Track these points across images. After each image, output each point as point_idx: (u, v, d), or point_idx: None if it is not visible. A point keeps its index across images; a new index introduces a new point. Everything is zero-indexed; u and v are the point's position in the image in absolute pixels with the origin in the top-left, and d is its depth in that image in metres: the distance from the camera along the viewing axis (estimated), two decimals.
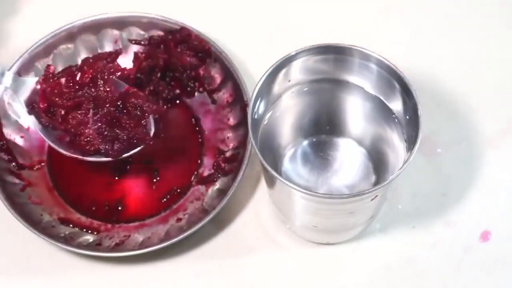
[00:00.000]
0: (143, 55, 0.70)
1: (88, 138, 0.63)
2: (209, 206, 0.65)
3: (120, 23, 0.70)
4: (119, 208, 0.67)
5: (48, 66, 0.64)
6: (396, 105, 0.59)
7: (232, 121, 0.69)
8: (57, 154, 0.68)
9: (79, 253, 0.64)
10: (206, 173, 0.68)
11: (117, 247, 0.64)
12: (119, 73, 0.64)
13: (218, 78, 0.69)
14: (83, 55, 0.70)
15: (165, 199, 0.67)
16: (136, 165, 0.68)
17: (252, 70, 0.70)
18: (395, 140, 0.60)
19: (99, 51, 0.70)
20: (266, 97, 0.59)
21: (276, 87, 0.60)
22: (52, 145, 0.64)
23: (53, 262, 0.65)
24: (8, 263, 0.65)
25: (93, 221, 0.66)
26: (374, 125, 0.62)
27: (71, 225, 0.66)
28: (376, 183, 0.62)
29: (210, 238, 0.66)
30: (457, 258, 0.65)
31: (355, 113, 0.63)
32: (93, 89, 0.63)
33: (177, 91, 0.70)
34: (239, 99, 0.68)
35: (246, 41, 0.73)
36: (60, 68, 0.69)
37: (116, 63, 0.65)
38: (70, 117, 0.63)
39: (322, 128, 0.64)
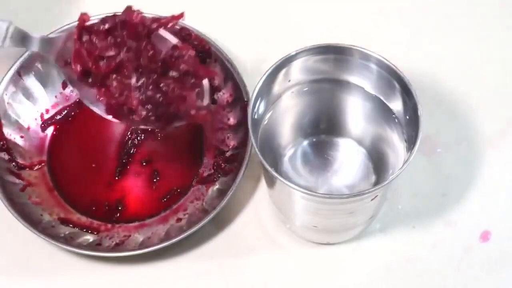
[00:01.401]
0: None
1: (132, 107, 0.54)
2: (209, 206, 0.65)
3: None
4: (119, 208, 0.67)
5: (82, 15, 0.55)
6: (396, 105, 0.59)
7: (232, 121, 0.69)
8: (57, 154, 0.69)
9: (79, 253, 0.64)
10: (206, 173, 0.68)
11: (117, 247, 0.64)
12: (165, 25, 0.55)
13: (218, 78, 0.69)
14: None
15: (165, 199, 0.67)
16: (136, 165, 0.68)
17: (252, 70, 0.70)
18: (395, 140, 0.60)
19: None
20: (266, 97, 0.59)
21: (276, 87, 0.60)
22: (92, 107, 0.56)
23: (53, 262, 0.65)
24: (8, 263, 0.65)
25: (93, 221, 0.66)
26: (374, 125, 0.62)
27: (71, 225, 0.66)
28: (376, 183, 0.62)
29: (210, 238, 0.66)
30: (457, 258, 0.65)
31: (355, 113, 0.63)
32: (135, 46, 0.53)
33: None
34: (239, 99, 0.68)
35: (246, 41, 0.73)
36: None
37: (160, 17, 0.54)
38: (109, 81, 0.54)
39: (322, 128, 0.64)
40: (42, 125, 0.69)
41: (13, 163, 0.67)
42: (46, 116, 0.69)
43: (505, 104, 0.71)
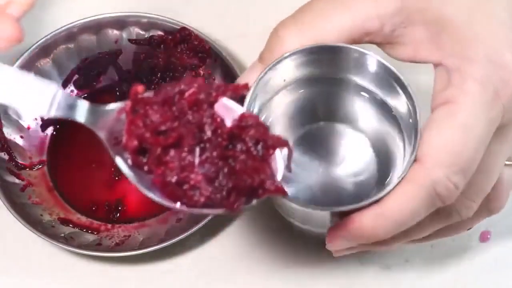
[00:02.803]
0: (143, 55, 0.70)
1: (196, 186, 0.46)
2: None
3: (120, 23, 0.70)
4: (119, 208, 0.67)
5: (135, 86, 0.47)
6: (396, 105, 0.59)
7: None
8: (57, 154, 0.69)
9: (79, 253, 0.64)
10: None
11: (117, 247, 0.64)
12: (229, 93, 0.48)
13: (218, 78, 0.69)
14: (83, 55, 0.70)
15: None
16: None
17: None
18: (397, 139, 0.60)
19: (99, 51, 0.70)
20: (261, 97, 0.59)
21: (272, 87, 0.59)
22: (148, 193, 0.48)
23: (53, 262, 0.65)
24: (8, 263, 0.65)
25: (93, 221, 0.66)
26: (374, 124, 0.62)
27: (71, 225, 0.66)
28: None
29: (210, 238, 0.66)
30: (457, 258, 0.65)
31: (353, 112, 0.62)
32: (196, 117, 0.47)
33: None
34: (239, 99, 0.67)
35: (246, 41, 0.73)
36: (62, 71, 0.70)
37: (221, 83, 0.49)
38: (169, 157, 0.46)
39: (319, 126, 0.64)
40: (42, 125, 0.69)
41: (13, 163, 0.67)
42: (46, 116, 0.69)
43: None
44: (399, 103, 0.57)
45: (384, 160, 0.61)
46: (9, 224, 0.64)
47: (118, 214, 0.67)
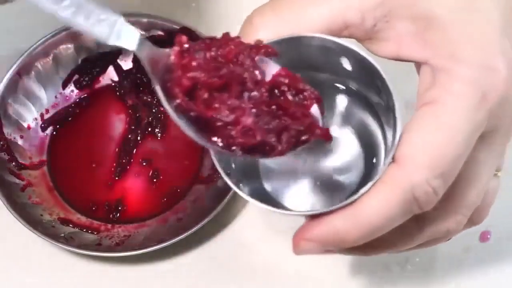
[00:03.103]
0: None
1: (247, 129, 0.46)
2: (209, 206, 0.65)
3: None
4: (119, 208, 0.67)
5: (180, 35, 0.47)
6: (377, 100, 0.56)
7: None
8: (57, 154, 0.69)
9: (79, 253, 0.64)
10: (206, 173, 0.68)
11: (117, 247, 0.64)
12: (263, 50, 0.49)
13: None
14: (83, 55, 0.70)
15: (165, 199, 0.67)
16: (136, 165, 0.68)
17: None
18: (379, 135, 0.57)
19: (99, 51, 0.70)
20: None
21: None
22: (196, 138, 0.48)
23: (53, 262, 0.65)
24: (8, 263, 0.65)
25: (93, 221, 0.67)
26: (356, 118, 0.58)
27: (71, 225, 0.66)
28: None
29: (210, 238, 0.66)
30: (457, 258, 0.65)
31: (331, 106, 0.59)
32: (239, 68, 0.47)
33: None
34: None
35: None
36: (62, 71, 0.70)
37: (258, 40, 0.49)
38: (217, 101, 0.47)
39: None
40: (42, 125, 0.69)
41: (13, 163, 0.67)
42: (46, 116, 0.69)
43: None
44: (380, 99, 0.55)
45: (371, 156, 0.58)
46: (9, 224, 0.64)
47: (118, 214, 0.67)
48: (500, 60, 0.46)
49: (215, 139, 0.47)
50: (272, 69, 0.48)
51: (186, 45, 0.47)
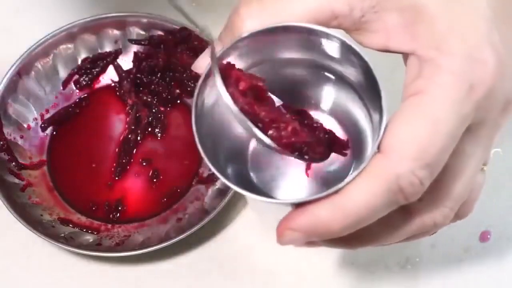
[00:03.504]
0: (143, 55, 0.70)
1: (292, 129, 0.49)
2: (209, 206, 0.65)
3: (120, 23, 0.70)
4: (119, 208, 0.67)
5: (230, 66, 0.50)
6: (363, 90, 0.55)
7: None
8: (57, 154, 0.69)
9: (79, 253, 0.64)
10: (206, 173, 0.68)
11: (117, 247, 0.64)
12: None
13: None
14: (83, 55, 0.70)
15: (165, 199, 0.67)
16: (136, 165, 0.68)
17: None
18: (366, 124, 0.56)
19: (99, 51, 0.70)
20: (214, 87, 0.54)
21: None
22: (256, 131, 0.49)
23: (53, 262, 0.65)
24: (8, 263, 0.65)
25: (93, 221, 0.67)
26: (343, 107, 0.57)
27: (71, 225, 0.66)
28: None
29: (210, 238, 0.66)
30: (457, 258, 0.65)
31: (317, 95, 0.58)
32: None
33: (177, 91, 0.70)
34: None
35: None
36: (62, 71, 0.70)
37: None
38: (264, 109, 0.50)
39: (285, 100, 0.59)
40: (42, 125, 0.69)
41: (13, 163, 0.67)
42: (46, 116, 0.70)
43: None
44: (366, 88, 0.54)
45: (358, 145, 0.57)
46: (9, 224, 0.64)
47: (118, 214, 0.67)
48: (489, 52, 0.45)
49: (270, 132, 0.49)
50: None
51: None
